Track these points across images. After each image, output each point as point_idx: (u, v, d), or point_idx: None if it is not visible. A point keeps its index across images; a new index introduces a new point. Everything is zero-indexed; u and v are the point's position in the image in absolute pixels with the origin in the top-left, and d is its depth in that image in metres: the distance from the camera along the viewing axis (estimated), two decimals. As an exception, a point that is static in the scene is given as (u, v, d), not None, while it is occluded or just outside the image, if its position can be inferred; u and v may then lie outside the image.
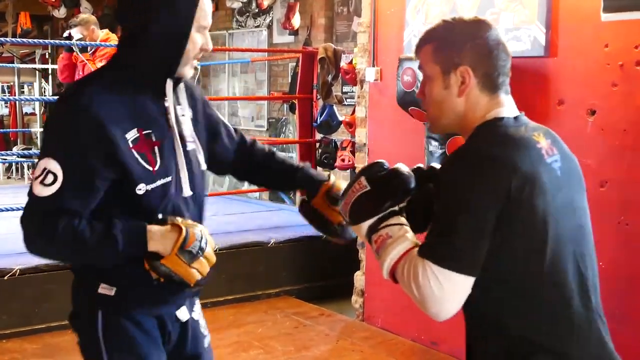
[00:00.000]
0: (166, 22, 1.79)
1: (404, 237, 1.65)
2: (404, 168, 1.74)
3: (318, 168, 6.55)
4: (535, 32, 3.72)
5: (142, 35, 1.81)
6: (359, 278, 4.96)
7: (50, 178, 1.73)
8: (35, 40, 10.95)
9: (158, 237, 1.81)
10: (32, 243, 1.80)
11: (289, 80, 9.07)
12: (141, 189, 1.82)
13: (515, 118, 1.71)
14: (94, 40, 5.83)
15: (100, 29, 6.03)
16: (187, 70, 1.89)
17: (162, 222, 1.85)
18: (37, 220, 1.77)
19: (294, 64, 8.62)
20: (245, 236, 5.55)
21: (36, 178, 1.75)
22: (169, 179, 1.87)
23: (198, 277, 1.85)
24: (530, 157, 1.61)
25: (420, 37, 1.78)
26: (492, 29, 1.73)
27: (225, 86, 10.45)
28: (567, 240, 1.63)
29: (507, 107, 1.72)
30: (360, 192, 1.70)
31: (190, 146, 1.94)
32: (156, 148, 1.84)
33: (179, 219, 1.85)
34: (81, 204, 1.77)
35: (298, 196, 8.21)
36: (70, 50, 5.79)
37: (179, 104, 1.94)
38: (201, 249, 1.84)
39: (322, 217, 2.13)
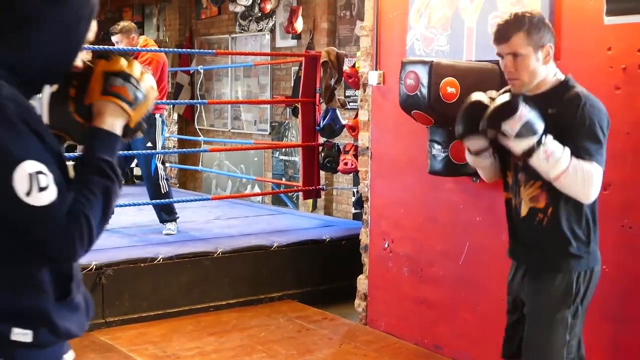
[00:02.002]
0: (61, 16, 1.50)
1: (567, 150, 2.51)
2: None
3: (321, 172, 6.57)
4: (537, 35, 3.71)
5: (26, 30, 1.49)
6: (362, 282, 4.95)
7: (43, 179, 1.44)
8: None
9: (111, 122, 1.57)
10: (78, 247, 1.49)
11: (292, 84, 9.08)
12: None
13: None
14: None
15: (105, 34, 6.00)
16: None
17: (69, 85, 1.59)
18: (61, 226, 1.45)
19: (297, 67, 8.62)
20: (248, 240, 5.56)
21: (29, 192, 1.41)
22: None
23: (153, 94, 1.65)
24: None
25: (505, 26, 2.63)
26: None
27: (228, 90, 10.45)
28: None
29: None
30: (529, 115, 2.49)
31: None
32: None
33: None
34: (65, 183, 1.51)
35: (301, 200, 8.23)
36: None
37: None
38: (132, 80, 1.59)
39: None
